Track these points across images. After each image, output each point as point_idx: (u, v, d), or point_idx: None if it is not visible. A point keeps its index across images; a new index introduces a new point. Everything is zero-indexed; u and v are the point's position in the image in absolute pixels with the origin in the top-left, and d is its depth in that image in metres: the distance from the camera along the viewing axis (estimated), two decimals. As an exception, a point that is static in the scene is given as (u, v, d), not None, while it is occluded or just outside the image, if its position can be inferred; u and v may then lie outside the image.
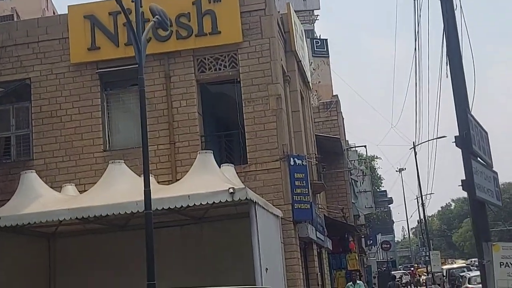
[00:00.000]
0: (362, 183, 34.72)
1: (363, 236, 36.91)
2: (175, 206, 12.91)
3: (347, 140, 36.27)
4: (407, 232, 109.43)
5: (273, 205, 16.66)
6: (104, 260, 16.14)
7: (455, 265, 49.78)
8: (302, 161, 17.86)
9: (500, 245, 6.01)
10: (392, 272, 53.64)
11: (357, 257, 30.24)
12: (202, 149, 17.15)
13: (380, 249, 58.63)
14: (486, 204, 6.83)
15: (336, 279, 28.74)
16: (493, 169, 7.22)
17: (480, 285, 24.25)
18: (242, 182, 15.89)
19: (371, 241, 46.11)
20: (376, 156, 53.64)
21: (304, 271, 19.76)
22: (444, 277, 41.47)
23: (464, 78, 7.09)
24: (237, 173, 16.74)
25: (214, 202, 12.83)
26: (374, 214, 42.06)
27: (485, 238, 6.15)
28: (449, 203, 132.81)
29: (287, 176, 17.53)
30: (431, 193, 57.96)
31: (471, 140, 6.39)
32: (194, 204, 12.94)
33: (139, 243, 16.60)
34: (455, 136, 6.68)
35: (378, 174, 56.11)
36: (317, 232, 20.88)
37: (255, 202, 13.39)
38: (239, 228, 15.34)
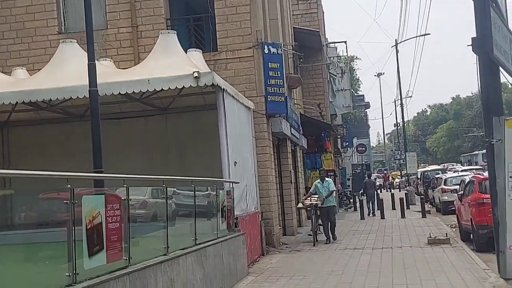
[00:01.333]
0: (341, 81, 33.41)
1: (339, 137, 35.94)
2: (133, 91, 11.54)
3: (327, 38, 34.58)
4: (383, 137, 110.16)
5: (245, 97, 15.40)
6: (60, 151, 14.93)
7: (429, 168, 49.60)
8: (277, 50, 16.42)
9: (515, 120, 4.72)
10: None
11: (332, 158, 29.45)
12: (168, 34, 15.60)
13: (356, 152, 58.31)
14: (500, 70, 5.54)
15: (310, 178, 28.03)
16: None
17: (457, 187, 23.45)
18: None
19: (347, 143, 45.26)
20: (356, 57, 52.12)
21: (277, 168, 18.82)
22: (419, 179, 41.23)
23: None
24: (206, 61, 15.33)
25: (177, 88, 11.50)
26: (351, 114, 41.04)
27: (496, 111, 4.87)
28: (425, 109, 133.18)
29: (261, 65, 16.15)
30: (410, 96, 56.90)
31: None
32: (155, 90, 11.59)
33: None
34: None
35: (356, 75, 54.86)
36: (292, 129, 19.79)
37: (223, 89, 12.08)
38: (207, 120, 14.17)
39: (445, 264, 11.84)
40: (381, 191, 51.04)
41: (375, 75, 62.07)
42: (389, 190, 52.83)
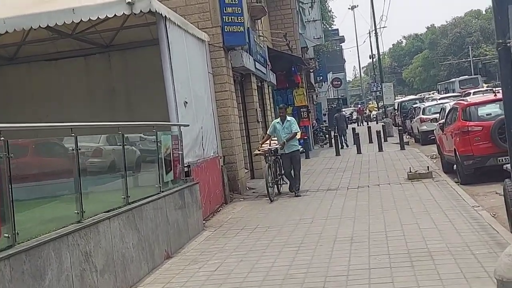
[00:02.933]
0: (311, 11, 31.38)
1: (312, 71, 34.11)
2: (56, 24, 9.69)
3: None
4: (359, 71, 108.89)
5: (199, 29, 13.62)
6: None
7: (406, 98, 48.30)
8: (233, -27, 14.50)
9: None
10: (343, 109, 52.26)
11: (305, 93, 27.81)
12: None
13: (331, 87, 56.80)
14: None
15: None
16: None
17: (436, 115, 22.16)
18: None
19: (321, 78, 43.51)
20: (327, -14, 49.48)
21: (241, 106, 17.21)
22: (396, 111, 39.94)
23: None
24: (152, -11, 13.48)
25: (107, 17, 9.66)
26: (324, 46, 39.01)
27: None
28: (400, 40, 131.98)
29: (215, -8, 14.30)
30: (384, 26, 55.15)
31: None
32: (81, 20, 9.75)
33: (30, 79, 13.62)
34: None
35: (329, 7, 52.54)
36: (257, 63, 18.06)
37: (165, 17, 10.28)
38: (155, 56, 12.35)
39: (429, 203, 10.48)
40: (358, 125, 49.88)
41: (349, 8, 59.81)
42: (366, 123, 51.64)
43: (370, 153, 22.24)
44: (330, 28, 57.41)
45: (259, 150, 14.38)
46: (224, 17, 14.30)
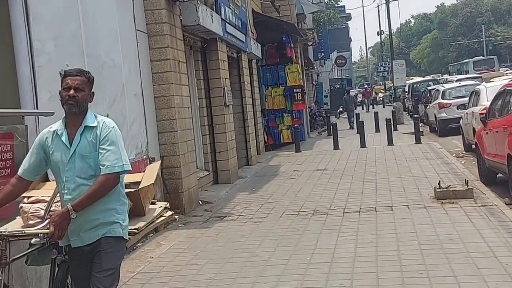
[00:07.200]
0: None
1: (310, 44, 29.27)
2: None
3: None
4: (365, 50, 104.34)
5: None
6: None
7: (418, 79, 43.30)
8: None
9: None
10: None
11: (299, 70, 22.98)
12: None
13: (335, 66, 51.97)
14: None
15: (270, 97, 21.77)
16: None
17: (460, 99, 17.44)
18: None
19: (323, 54, 38.55)
20: None
21: (204, 84, 12.56)
22: (406, 93, 35.16)
23: None
24: None
25: None
26: (326, 15, 33.97)
27: None
28: (408, 19, 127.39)
29: None
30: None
31: None
32: None
33: None
34: None
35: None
36: (228, 25, 13.36)
37: None
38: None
39: (484, 261, 5.83)
40: (364, 109, 45.08)
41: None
42: (372, 107, 46.77)
43: (377, 147, 17.55)
44: (336, 4, 52.50)
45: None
46: None
